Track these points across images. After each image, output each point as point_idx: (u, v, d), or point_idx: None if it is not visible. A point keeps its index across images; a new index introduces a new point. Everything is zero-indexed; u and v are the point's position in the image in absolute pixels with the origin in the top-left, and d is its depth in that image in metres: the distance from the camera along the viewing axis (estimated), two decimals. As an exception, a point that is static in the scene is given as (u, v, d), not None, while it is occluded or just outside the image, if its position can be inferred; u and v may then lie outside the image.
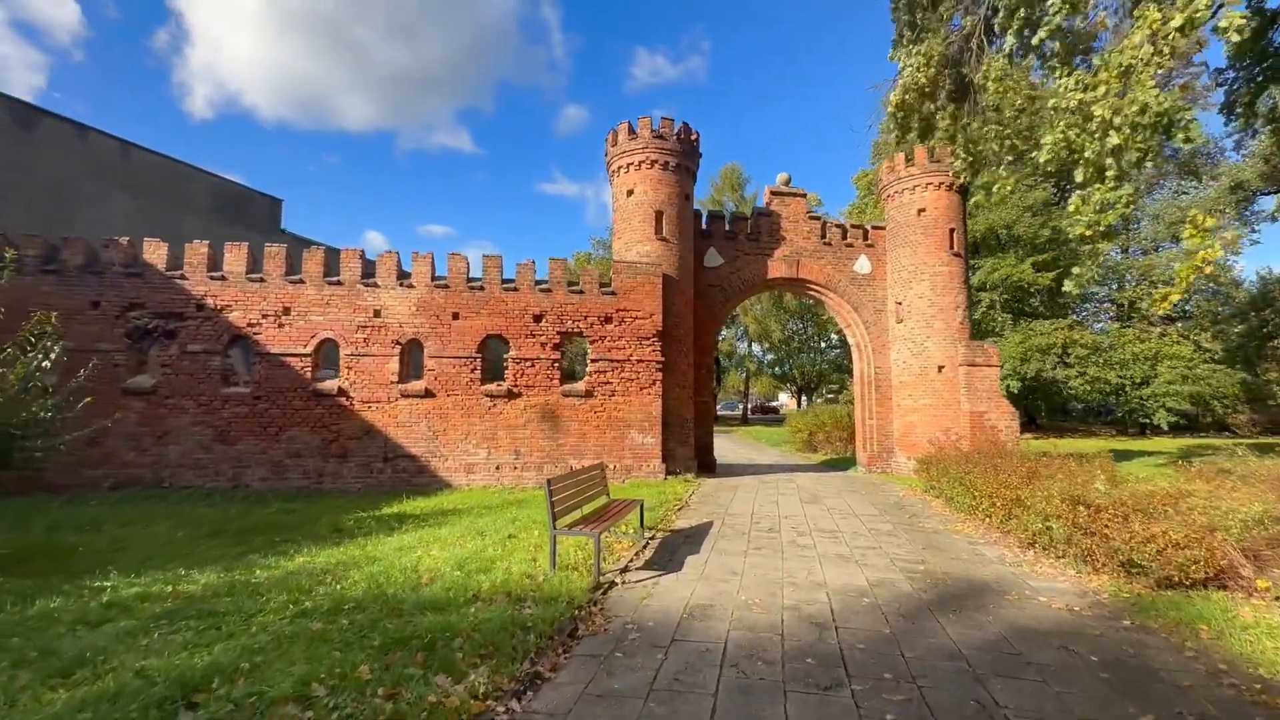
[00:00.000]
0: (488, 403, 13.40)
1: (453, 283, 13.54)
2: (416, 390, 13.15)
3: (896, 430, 16.69)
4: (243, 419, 12.60)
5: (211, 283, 12.75)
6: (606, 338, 13.96)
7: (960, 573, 6.68)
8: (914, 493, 12.76)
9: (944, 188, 16.25)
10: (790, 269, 16.81)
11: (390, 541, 7.88)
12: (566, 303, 13.86)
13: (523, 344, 13.64)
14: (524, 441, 13.47)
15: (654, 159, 14.89)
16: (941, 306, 16.02)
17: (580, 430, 13.69)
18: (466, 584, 5.76)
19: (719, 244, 16.61)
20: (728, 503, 11.25)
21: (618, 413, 13.86)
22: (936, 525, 9.38)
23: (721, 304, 16.52)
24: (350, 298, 13.17)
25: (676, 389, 14.70)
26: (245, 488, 12.41)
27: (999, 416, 15.47)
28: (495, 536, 7.96)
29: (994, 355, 15.81)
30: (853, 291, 17.11)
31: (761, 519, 9.70)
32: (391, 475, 12.93)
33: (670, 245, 14.92)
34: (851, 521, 9.56)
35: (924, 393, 15.99)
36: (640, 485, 12.92)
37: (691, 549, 7.62)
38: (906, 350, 16.43)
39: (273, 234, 21.24)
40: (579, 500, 7.19)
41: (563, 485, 6.72)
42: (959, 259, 16.32)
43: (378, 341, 13.17)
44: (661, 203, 14.92)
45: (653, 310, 14.18)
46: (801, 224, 17.01)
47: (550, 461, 13.48)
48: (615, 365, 13.93)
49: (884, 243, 17.43)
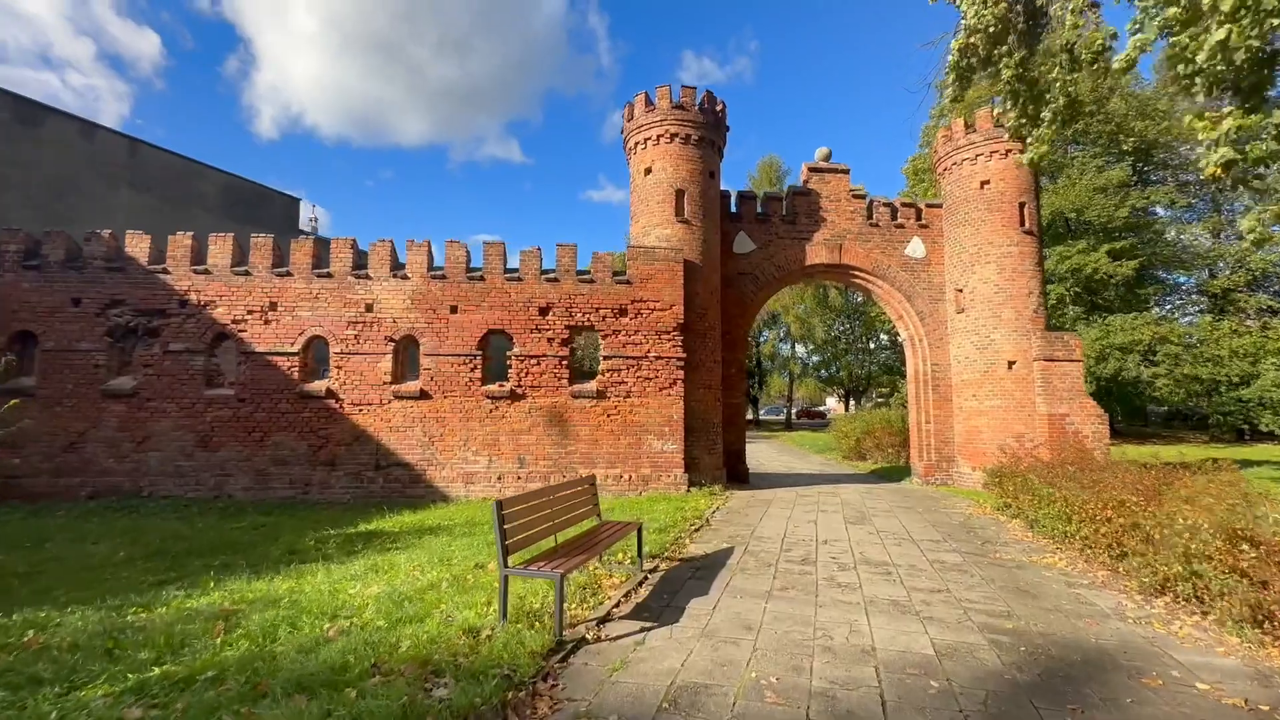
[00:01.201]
0: (489, 405, 12.07)
1: (450, 273, 12.29)
2: (411, 391, 11.93)
3: (958, 436, 14.54)
4: (226, 423, 11.63)
5: (195, 277, 11.88)
6: (621, 332, 12.44)
7: (1066, 634, 4.82)
8: (983, 510, 10.72)
9: (1012, 156, 14.06)
10: (832, 254, 14.92)
11: (335, 572, 6.54)
12: (576, 293, 12.41)
13: (527, 340, 12.26)
14: (529, 448, 12.07)
15: (674, 132, 13.31)
16: (1011, 293, 13.83)
17: (591, 436, 12.19)
18: (381, 641, 4.30)
19: (750, 227, 14.88)
20: (756, 522, 9.52)
21: (634, 416, 12.30)
22: (1018, 556, 7.43)
23: (753, 294, 14.76)
24: (340, 291, 12.08)
25: (701, 389, 13.04)
26: (228, 498, 11.43)
27: (1084, 419, 13.17)
28: (462, 566, 6.53)
29: (1076, 348, 13.51)
30: (904, 278, 15.07)
31: (794, 545, 7.95)
32: (383, 485, 11.73)
33: (693, 228, 13.30)
34: (908, 550, 7.70)
35: (991, 392, 13.81)
36: (658, 499, 11.32)
37: (699, 588, 5.98)
38: (969, 344, 14.28)
39: (289, 233, 20.67)
40: (552, 524, 5.66)
41: (522, 508, 5.19)
42: (1031, 238, 14.09)
43: (369, 338, 12.02)
44: (682, 180, 13.32)
45: (673, 300, 12.58)
46: (844, 203, 15.11)
47: (558, 471, 12.03)
48: (631, 363, 12.39)
49: (940, 222, 15.33)
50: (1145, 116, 29.59)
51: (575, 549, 5.41)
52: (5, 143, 14.53)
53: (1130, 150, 30.06)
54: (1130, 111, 29.39)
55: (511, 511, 4.96)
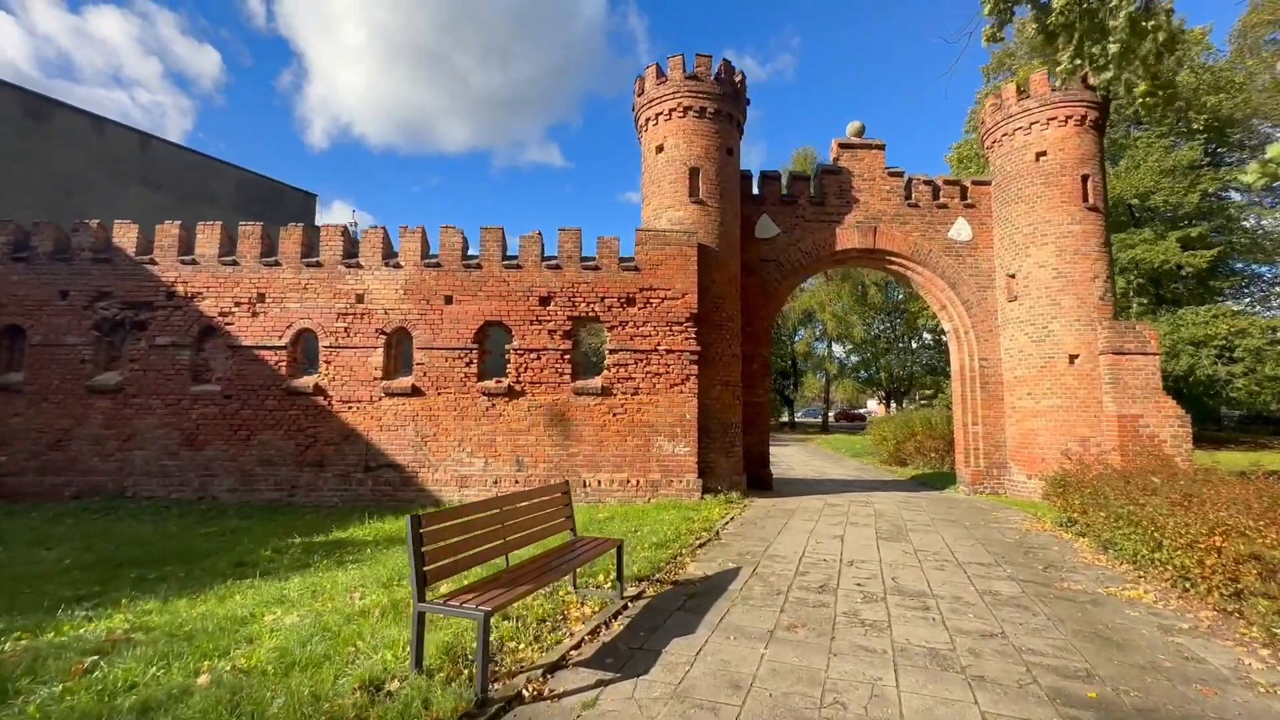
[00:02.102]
0: (485, 403, 11.17)
1: (445, 261, 11.45)
2: (402, 388, 11.13)
3: (1010, 439, 12.95)
4: (212, 421, 11.05)
5: (182, 268, 11.35)
6: (629, 323, 11.37)
7: (1174, 709, 3.52)
8: (1042, 526, 9.24)
9: (1072, 122, 12.45)
10: (865, 238, 13.54)
11: (265, 591, 5.66)
12: (580, 281, 11.41)
13: (527, 332, 11.31)
14: (528, 449, 11.11)
15: (687, 105, 12.19)
16: (1072, 277, 12.20)
17: (596, 436, 11.16)
18: (251, 698, 3.34)
19: (774, 210, 13.63)
20: (773, 537, 8.31)
21: (642, 415, 11.22)
22: (1091, 587, 6.05)
23: (778, 282, 13.50)
24: (330, 281, 11.38)
25: (718, 386, 11.86)
26: (212, 500, 10.82)
27: (1160, 421, 11.46)
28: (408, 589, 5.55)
29: (1151, 339, 11.80)
30: (948, 264, 13.57)
31: (813, 566, 6.73)
32: (372, 488, 10.95)
33: (709, 210, 12.14)
34: (952, 576, 6.39)
35: (1049, 390, 12.20)
36: (666, 507, 10.20)
37: (686, 623, 4.86)
38: (1023, 335, 12.70)
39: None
40: (504, 542, 4.63)
41: (456, 524, 4.14)
42: (1095, 214, 12.43)
43: (360, 331, 11.28)
44: (697, 158, 12.18)
45: (685, 289, 11.45)
46: (879, 182, 13.71)
47: (559, 474, 11.04)
48: (639, 357, 11.31)
49: (989, 201, 13.77)
50: (1219, 90, 26.92)
51: (524, 575, 4.36)
52: (15, 138, 14.44)
53: (1201, 128, 27.38)
54: (1202, 85, 26.77)
55: (438, 528, 3.94)
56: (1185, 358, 23.56)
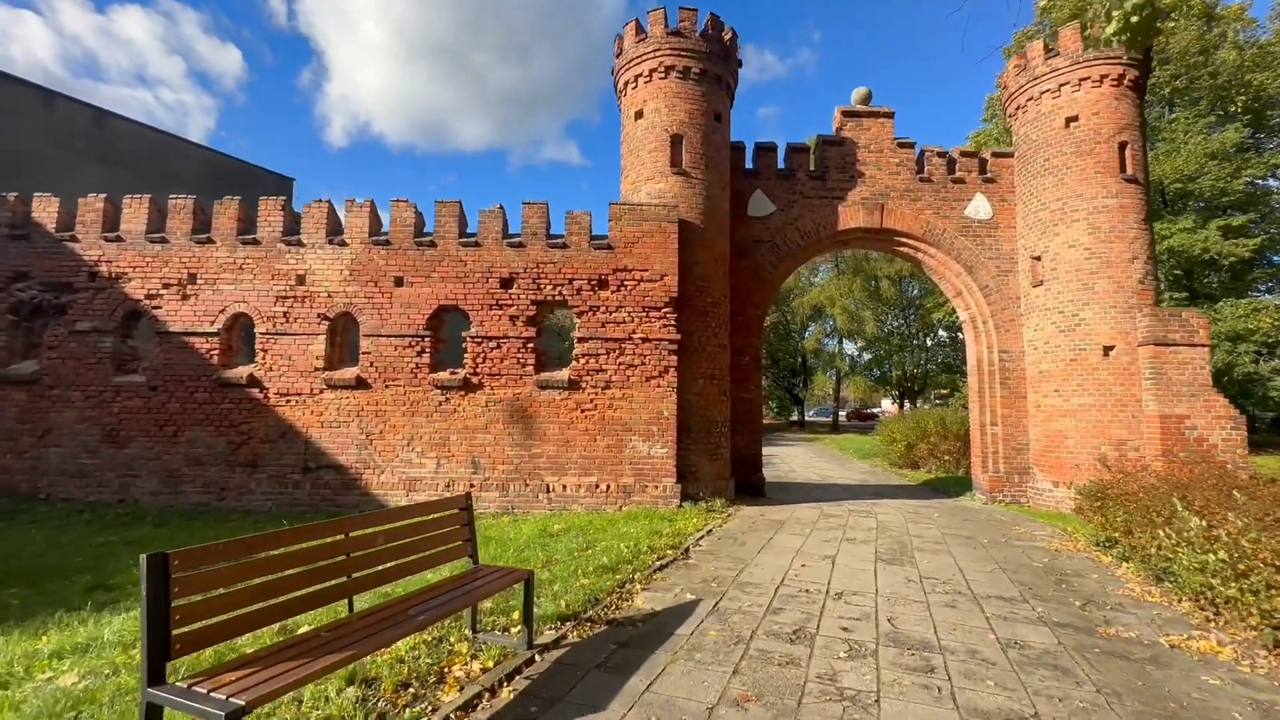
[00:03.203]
0: (438, 396, 9.95)
1: (396, 238, 10.25)
2: (346, 380, 9.95)
3: (1034, 442, 11.49)
4: (136, 415, 9.95)
5: (106, 245, 10.26)
6: (600, 308, 10.10)
7: None
8: (1074, 545, 7.83)
9: (1108, 83, 10.95)
10: (871, 216, 12.13)
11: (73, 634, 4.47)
12: (545, 261, 10.15)
13: (486, 318, 10.09)
14: (485, 449, 9.89)
15: (669, 64, 10.86)
16: (1107, 258, 10.72)
17: (562, 435, 9.90)
18: None
19: (769, 185, 12.27)
20: (751, 556, 6.99)
21: (614, 412, 9.94)
22: (1147, 634, 4.67)
23: (773, 266, 12.13)
24: (269, 260, 10.22)
25: (701, 380, 10.54)
26: (134, 502, 9.73)
27: (1210, 423, 9.97)
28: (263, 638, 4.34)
29: (1200, 328, 10.29)
30: (964, 245, 12.12)
31: (791, 599, 5.41)
32: (311, 492, 9.78)
33: (693, 182, 10.82)
34: (966, 617, 5.04)
35: (1080, 386, 10.74)
36: (637, 516, 8.92)
37: (597, 694, 3.57)
38: (1050, 325, 11.23)
39: (280, 215, 19.27)
40: (349, 579, 3.39)
41: (236, 567, 2.91)
42: (1135, 187, 10.92)
43: (300, 316, 10.12)
44: (680, 124, 10.86)
45: (665, 269, 10.15)
46: (887, 154, 12.29)
47: (519, 478, 9.80)
48: (612, 346, 10.03)
49: (1011, 175, 12.30)
50: (1264, 68, 25.00)
51: (358, 631, 3.10)
52: (-46, 113, 13.49)
53: (1241, 109, 25.45)
54: (1246, 63, 24.85)
55: (193, 575, 2.69)
56: (1222, 353, 21.80)
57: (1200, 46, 24.67)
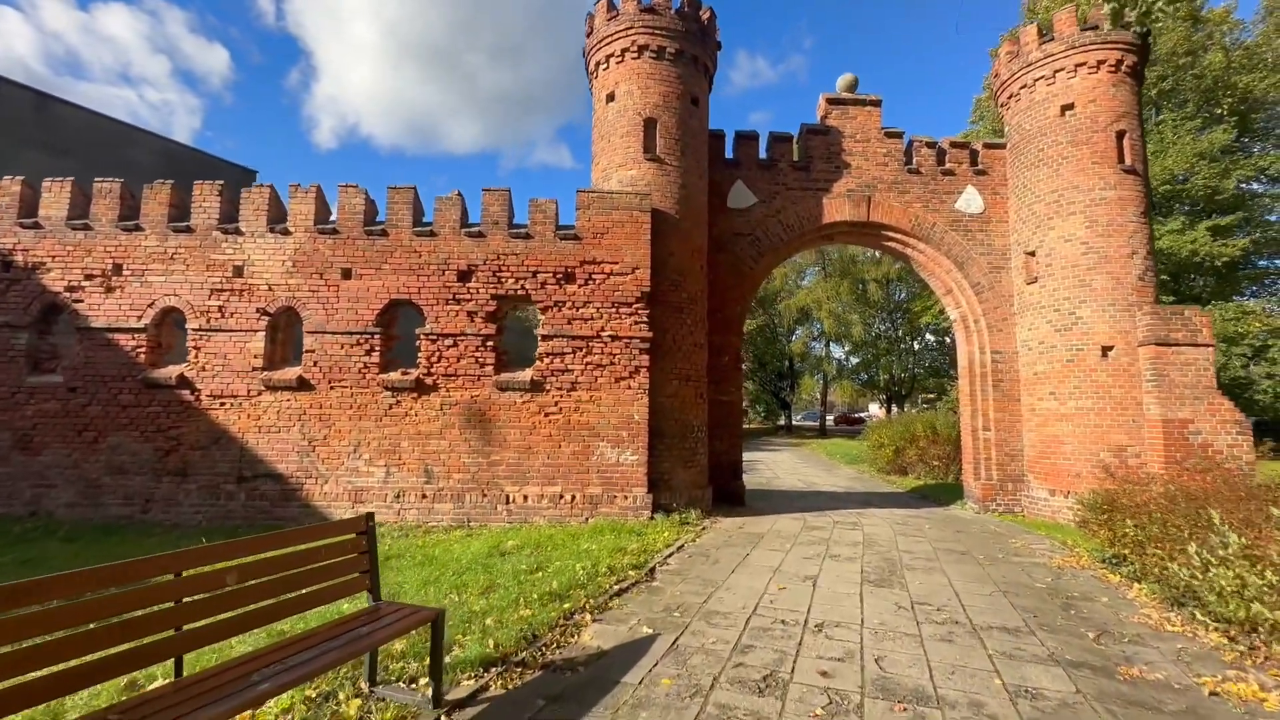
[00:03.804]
0: (389, 399, 9.13)
1: (345, 226, 9.43)
2: (287, 380, 9.09)
3: (1029, 447, 10.87)
4: (52, 419, 9.02)
5: (22, 233, 9.34)
6: (566, 303, 9.34)
7: None
8: (1077, 561, 7.16)
9: (1105, 68, 10.39)
10: (858, 209, 11.48)
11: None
12: (507, 253, 9.38)
13: (442, 313, 9.29)
14: (439, 457, 9.07)
15: (642, 44, 10.15)
16: (1105, 253, 10.13)
17: (523, 441, 9.11)
18: None
19: (750, 176, 11.58)
20: (723, 577, 6.24)
21: (580, 416, 9.17)
22: (1175, 674, 3.97)
23: (753, 261, 11.43)
24: (203, 250, 9.36)
25: (675, 381, 9.80)
26: (47, 515, 8.80)
27: (1215, 428, 9.37)
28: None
29: (1204, 327, 9.72)
30: (954, 240, 11.50)
31: (763, 635, 4.65)
32: (245, 504, 8.90)
33: (667, 169, 10.10)
34: (966, 654, 4.31)
35: (1077, 389, 10.12)
36: (604, 529, 8.14)
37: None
38: (1045, 324, 10.62)
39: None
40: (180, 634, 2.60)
41: None
42: (1134, 178, 10.36)
43: (237, 311, 9.25)
44: (654, 107, 10.14)
45: (636, 262, 9.41)
46: (874, 144, 11.66)
47: (476, 487, 8.99)
48: (579, 344, 9.27)
49: (1003, 167, 11.72)
50: (1250, 69, 24.85)
51: (155, 714, 2.31)
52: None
53: (1227, 111, 25.28)
54: (1233, 64, 24.69)
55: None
56: (1219, 355, 21.45)
57: (1187, 48, 24.47)
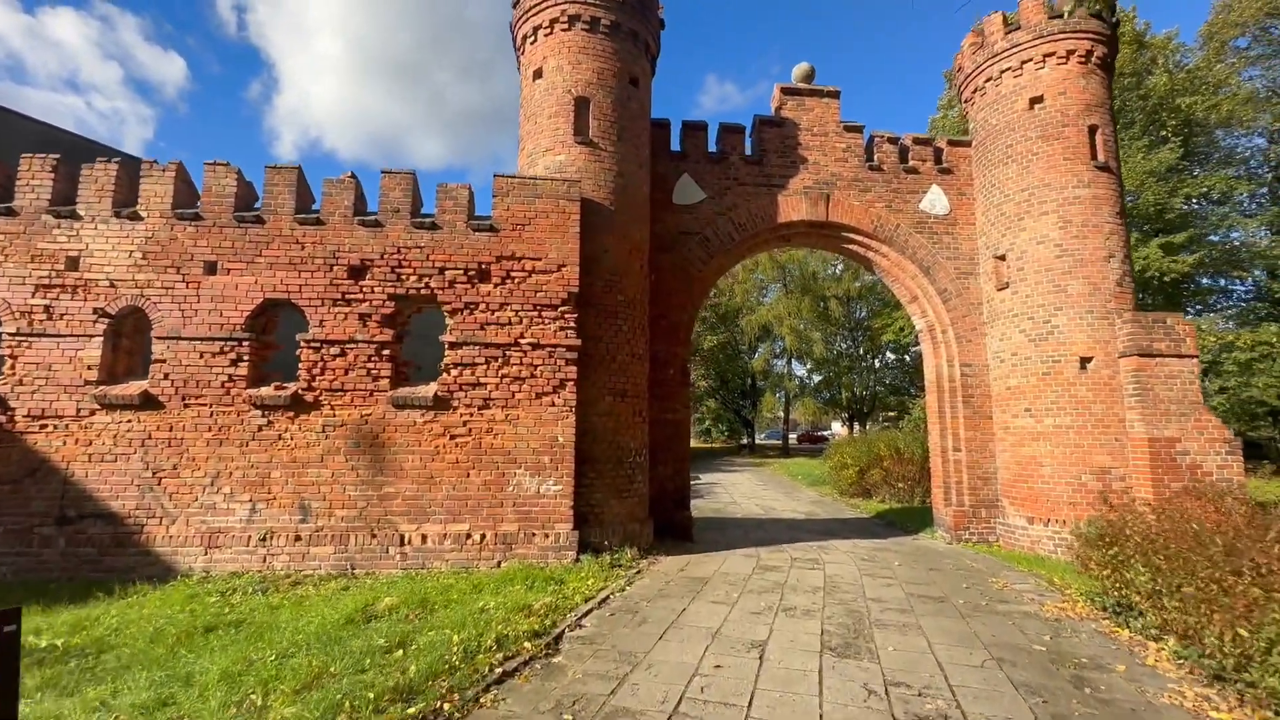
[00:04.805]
0: (258, 420, 7.51)
1: (210, 212, 7.85)
2: (128, 397, 7.39)
3: (1003, 469, 9.86)
4: None
5: None
6: (479, 305, 7.92)
7: None
8: (1074, 609, 6.03)
9: (1075, 59, 9.66)
10: (816, 207, 10.45)
11: None
12: (410, 246, 7.94)
13: (328, 316, 7.76)
14: (318, 489, 7.47)
15: (573, 13, 8.95)
16: (1081, 256, 9.28)
17: (424, 470, 7.59)
18: None
19: (699, 169, 10.45)
20: (647, 647, 4.84)
21: (494, 438, 7.72)
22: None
23: (702, 262, 10.24)
24: (28, 237, 7.65)
25: (609, 397, 8.44)
26: None
27: (1203, 446, 8.49)
28: None
29: (1187, 336, 8.89)
30: (919, 243, 10.56)
31: (685, 752, 3.29)
32: (66, 551, 7.11)
33: (601, 155, 8.86)
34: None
35: (1055, 404, 9.17)
36: (514, 577, 6.66)
37: None
38: (1018, 333, 9.69)
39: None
40: None
41: None
42: (1108, 175, 9.59)
43: (69, 312, 7.54)
44: (586, 84, 8.92)
45: (563, 258, 8.09)
46: (833, 139, 10.69)
47: (364, 526, 7.41)
48: (493, 354, 7.85)
49: (969, 166, 10.89)
50: (1193, 92, 25.39)
51: None
52: None
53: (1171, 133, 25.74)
54: (1176, 86, 25.18)
55: None
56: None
57: (1133, 69, 24.85)
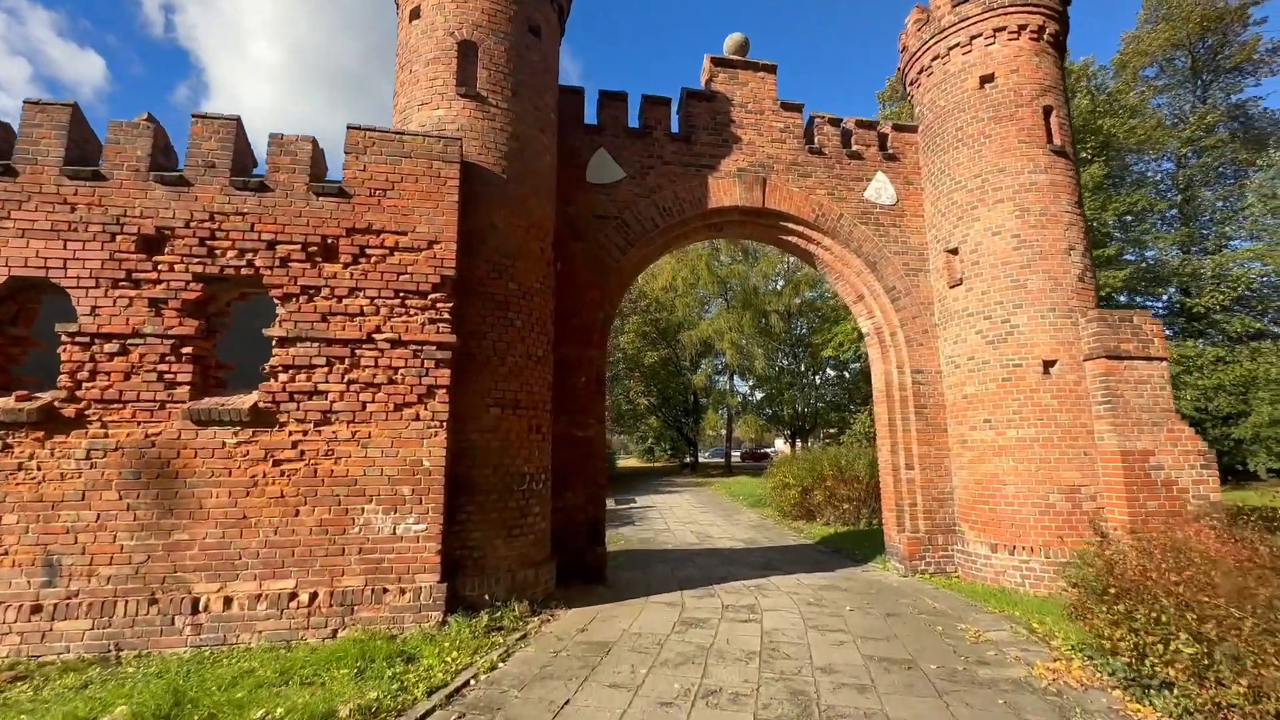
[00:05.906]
0: (-10, 442, 5.39)
1: (-63, 158, 5.75)
2: None
3: (960, 489, 8.70)
4: None
5: None
6: (321, 290, 6.09)
7: None
8: (1069, 671, 4.69)
9: (1027, 35, 8.81)
10: (751, 193, 9.16)
11: None
12: (228, 212, 6.05)
13: (105, 301, 5.75)
14: (76, 538, 5.39)
15: (459, -59, 7.37)
16: (1040, 248, 8.31)
17: (235, 507, 5.64)
18: None
19: (617, 144, 8.99)
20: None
21: (336, 463, 5.86)
22: None
23: (621, 250, 8.72)
24: None
25: (496, 409, 6.72)
26: None
27: (1178, 460, 7.53)
28: None
29: (1155, 336, 7.98)
30: (865, 235, 9.42)
31: None
32: None
33: (491, 112, 7.24)
34: None
35: (1016, 414, 8.07)
36: (348, 653, 4.79)
37: None
38: (974, 335, 8.61)
39: None
40: None
41: None
42: (1065, 161, 8.72)
43: None
44: (473, 26, 7.33)
45: (435, 233, 6.38)
46: (769, 117, 9.48)
47: (143, 590, 5.38)
48: (339, 353, 6.02)
49: (916, 154, 9.89)
50: (1112, 114, 26.24)
51: None
52: None
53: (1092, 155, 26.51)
54: (1098, 109, 25.96)
55: None
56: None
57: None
